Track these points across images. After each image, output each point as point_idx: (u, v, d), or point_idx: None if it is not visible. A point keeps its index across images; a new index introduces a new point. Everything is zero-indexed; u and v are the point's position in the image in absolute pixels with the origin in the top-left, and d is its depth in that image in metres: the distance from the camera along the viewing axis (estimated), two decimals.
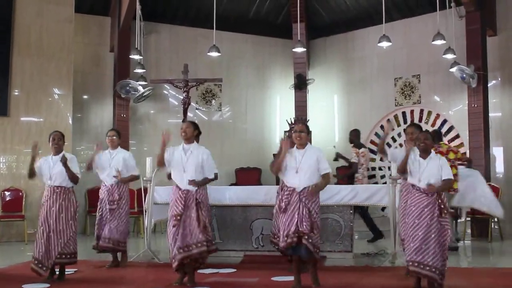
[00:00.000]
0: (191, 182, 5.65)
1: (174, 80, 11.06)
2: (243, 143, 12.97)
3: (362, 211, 8.90)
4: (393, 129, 11.79)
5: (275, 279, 5.90)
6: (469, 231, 9.98)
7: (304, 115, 12.20)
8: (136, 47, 11.02)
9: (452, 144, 11.16)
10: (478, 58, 10.18)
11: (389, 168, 8.90)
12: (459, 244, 8.67)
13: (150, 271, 6.76)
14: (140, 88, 11.40)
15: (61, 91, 10.54)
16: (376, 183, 11.59)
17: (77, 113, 11.25)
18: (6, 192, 9.90)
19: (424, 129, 6.00)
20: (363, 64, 12.78)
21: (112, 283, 5.99)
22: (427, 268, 4.95)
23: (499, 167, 10.72)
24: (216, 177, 5.98)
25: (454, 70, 10.18)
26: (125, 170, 6.94)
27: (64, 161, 5.91)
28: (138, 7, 10.92)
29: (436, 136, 8.80)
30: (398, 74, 12.17)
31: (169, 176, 6.01)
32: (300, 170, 5.34)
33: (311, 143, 5.71)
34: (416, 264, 4.99)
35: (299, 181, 5.33)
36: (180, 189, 5.69)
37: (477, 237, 9.80)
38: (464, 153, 10.49)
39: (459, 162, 7.98)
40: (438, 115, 11.50)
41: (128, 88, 11.30)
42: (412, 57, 11.97)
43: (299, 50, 11.21)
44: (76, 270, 6.41)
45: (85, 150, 11.48)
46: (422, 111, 11.73)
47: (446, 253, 5.05)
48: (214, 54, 10.51)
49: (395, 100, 12.14)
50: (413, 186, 5.22)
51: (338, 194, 7.20)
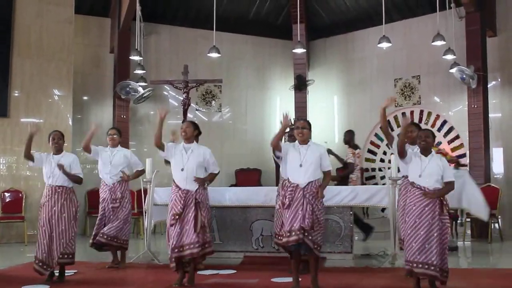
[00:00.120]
0: (197, 179, 5.64)
1: (174, 81, 11.06)
2: (243, 144, 12.97)
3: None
4: (393, 129, 11.77)
5: (275, 280, 5.89)
6: (469, 232, 9.98)
7: (304, 116, 12.19)
8: (136, 48, 11.03)
9: (452, 144, 11.20)
10: (478, 59, 10.18)
11: (388, 168, 8.92)
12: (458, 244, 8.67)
13: (150, 272, 6.76)
14: (140, 89, 11.40)
15: (61, 92, 10.54)
16: (376, 183, 11.59)
17: (77, 114, 11.25)
18: (6, 193, 9.90)
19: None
20: (363, 65, 12.78)
21: (112, 284, 5.99)
22: (432, 268, 4.89)
23: (499, 167, 10.72)
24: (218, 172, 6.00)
25: (454, 71, 10.19)
26: (126, 168, 6.95)
27: (62, 168, 5.90)
28: (138, 8, 10.93)
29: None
30: (398, 75, 12.18)
31: (159, 144, 5.79)
32: (304, 165, 5.33)
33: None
34: (420, 265, 4.92)
35: (303, 176, 5.32)
36: (180, 188, 5.67)
37: (477, 238, 9.80)
38: (457, 156, 10.53)
39: None
40: (438, 116, 11.50)
41: (128, 89, 11.31)
42: (412, 58, 11.98)
43: (299, 51, 11.21)
44: (76, 271, 6.41)
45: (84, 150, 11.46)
46: (422, 111, 11.73)
47: (447, 250, 5.02)
48: (214, 55, 10.52)
49: (395, 100, 12.13)
50: (412, 184, 5.18)
51: (338, 195, 7.20)
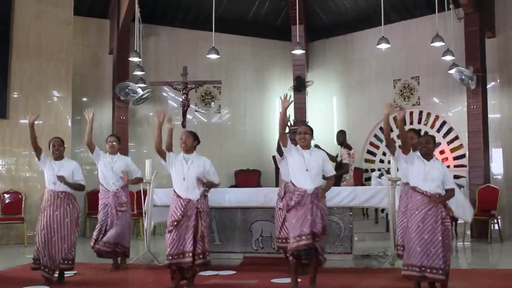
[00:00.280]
0: (199, 182, 5.60)
1: (173, 83, 11.04)
2: (243, 145, 12.97)
3: None
4: (392, 130, 11.77)
5: (274, 281, 5.90)
6: (468, 232, 9.98)
7: (303, 117, 12.19)
8: (135, 49, 11.01)
9: (451, 145, 11.20)
10: (477, 59, 10.18)
11: (388, 169, 8.93)
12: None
13: (150, 273, 6.76)
14: (139, 90, 11.39)
15: (60, 93, 10.54)
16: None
17: (76, 115, 11.21)
18: (5, 194, 9.89)
19: (423, 131, 6.01)
20: (362, 66, 12.79)
21: (112, 285, 6.00)
22: (440, 272, 4.84)
23: (498, 168, 10.72)
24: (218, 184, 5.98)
25: (453, 71, 10.19)
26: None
27: (62, 180, 5.90)
28: (137, 9, 10.91)
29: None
30: (397, 76, 12.19)
31: (160, 150, 5.75)
32: (310, 171, 5.34)
33: None
34: (429, 269, 4.86)
35: (310, 181, 5.32)
36: (181, 198, 5.63)
37: (476, 238, 9.80)
38: (456, 157, 10.53)
39: None
40: (437, 117, 11.51)
41: (127, 90, 11.29)
42: (411, 59, 11.98)
43: (298, 52, 11.20)
44: (75, 272, 6.40)
45: (84, 152, 11.42)
46: (421, 112, 11.74)
47: (449, 254, 5.01)
48: (213, 56, 10.51)
49: (394, 102, 12.11)
50: (413, 189, 5.17)
51: (337, 196, 7.21)
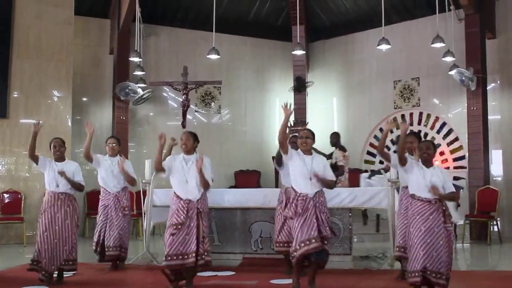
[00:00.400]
0: (200, 162, 5.54)
1: (174, 83, 11.06)
2: (242, 145, 12.96)
3: None
4: (392, 131, 11.77)
5: (273, 281, 5.90)
6: (468, 234, 9.98)
7: (303, 118, 12.19)
8: (136, 49, 11.01)
9: (451, 146, 11.20)
10: (477, 61, 10.19)
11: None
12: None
13: (149, 274, 6.74)
14: (139, 90, 11.40)
15: (60, 93, 10.54)
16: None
17: (76, 115, 11.24)
18: (5, 194, 9.89)
19: (423, 132, 5.99)
20: (362, 66, 12.78)
21: (111, 286, 6.00)
22: (442, 276, 4.82)
23: (498, 170, 10.72)
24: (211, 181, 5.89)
25: (453, 73, 10.19)
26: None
27: (63, 175, 5.91)
28: (138, 9, 10.93)
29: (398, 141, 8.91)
30: (397, 76, 12.18)
31: (160, 169, 5.70)
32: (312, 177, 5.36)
33: None
34: (434, 274, 4.83)
35: (310, 187, 5.35)
36: (181, 199, 5.59)
37: (476, 240, 9.80)
38: (456, 158, 10.53)
39: None
40: (437, 118, 11.50)
41: (127, 90, 11.29)
42: (411, 59, 11.98)
43: (299, 52, 11.20)
44: (74, 272, 6.38)
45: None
46: (421, 114, 11.72)
47: (451, 258, 4.99)
48: (214, 57, 10.51)
49: (394, 103, 12.15)
50: (412, 196, 5.10)
51: (337, 197, 7.20)
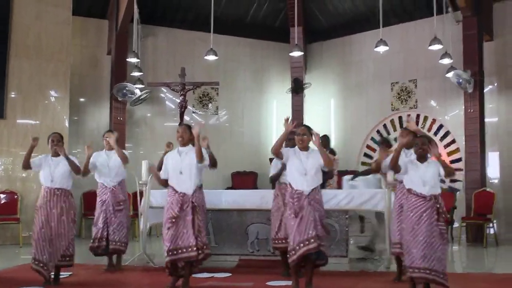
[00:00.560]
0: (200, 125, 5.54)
1: (171, 84, 11.06)
2: (240, 146, 12.97)
3: None
4: (389, 133, 11.80)
5: (270, 283, 5.90)
6: (464, 236, 9.99)
7: (301, 119, 12.21)
8: (134, 50, 11.00)
9: (448, 149, 11.22)
10: (474, 63, 10.21)
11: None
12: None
13: (145, 275, 6.75)
14: (137, 91, 11.39)
15: (58, 93, 10.52)
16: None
17: (73, 115, 11.24)
18: (1, 194, 9.88)
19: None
20: (360, 68, 12.80)
21: (108, 286, 5.99)
22: (433, 273, 4.88)
23: (494, 172, 10.75)
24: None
25: (450, 75, 10.22)
26: (124, 170, 6.93)
27: (63, 152, 5.93)
28: (136, 10, 10.92)
29: (384, 143, 8.98)
30: (394, 78, 12.20)
31: (165, 184, 5.84)
32: (308, 173, 5.37)
33: None
34: (422, 270, 4.90)
35: (306, 184, 5.37)
36: (176, 192, 5.64)
37: (472, 242, 9.82)
38: (453, 161, 10.55)
39: None
40: (434, 120, 11.53)
41: (125, 91, 11.28)
42: (408, 61, 12.00)
43: (296, 54, 11.17)
44: (71, 273, 6.39)
45: (81, 153, 11.36)
46: (418, 116, 11.74)
47: (445, 255, 5.03)
48: (211, 58, 10.50)
49: (392, 104, 12.17)
50: (409, 191, 5.18)
51: (333, 199, 7.20)
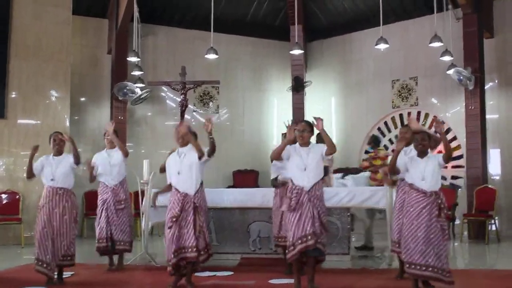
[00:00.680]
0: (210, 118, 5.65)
1: (172, 82, 11.05)
2: (241, 145, 12.97)
3: None
4: (390, 131, 11.80)
5: (272, 281, 5.90)
6: (466, 233, 9.99)
7: (301, 118, 12.18)
8: (134, 49, 11.01)
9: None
10: (475, 60, 10.19)
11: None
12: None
13: (147, 274, 6.75)
14: (137, 90, 11.39)
15: (58, 93, 10.52)
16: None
17: (74, 115, 11.24)
18: (3, 194, 9.88)
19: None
20: (360, 66, 12.79)
21: (110, 286, 6.00)
22: (430, 269, 4.89)
23: (496, 169, 10.74)
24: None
25: (451, 72, 10.20)
26: (124, 167, 6.94)
27: (71, 140, 6.03)
28: (136, 9, 10.92)
29: (374, 141, 9.00)
30: (395, 76, 12.20)
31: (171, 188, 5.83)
32: (308, 168, 5.34)
33: None
34: (419, 266, 4.91)
35: (307, 179, 5.34)
36: (178, 191, 5.67)
37: (474, 238, 9.81)
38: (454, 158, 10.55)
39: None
40: (435, 117, 11.50)
41: (125, 90, 11.28)
42: (409, 59, 11.99)
43: (297, 52, 11.20)
44: (73, 273, 6.40)
45: (82, 153, 11.36)
46: (419, 113, 11.74)
47: (445, 252, 5.00)
48: (212, 56, 10.49)
49: (392, 102, 12.17)
50: (410, 186, 5.19)
51: (335, 197, 7.20)
